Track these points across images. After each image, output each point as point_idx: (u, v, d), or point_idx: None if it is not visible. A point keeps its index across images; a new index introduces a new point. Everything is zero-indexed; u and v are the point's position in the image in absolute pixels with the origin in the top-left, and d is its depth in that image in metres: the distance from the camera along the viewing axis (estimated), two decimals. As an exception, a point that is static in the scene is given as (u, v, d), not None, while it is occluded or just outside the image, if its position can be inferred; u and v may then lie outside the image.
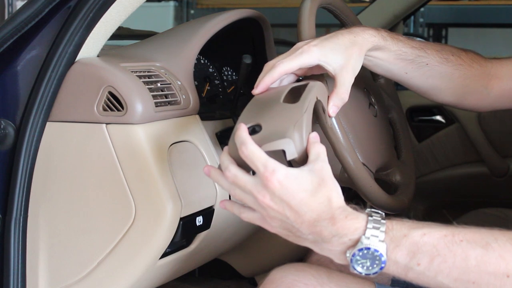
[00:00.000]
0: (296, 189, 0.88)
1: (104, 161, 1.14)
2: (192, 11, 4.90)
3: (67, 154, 1.18)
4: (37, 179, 1.18)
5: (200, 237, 1.27)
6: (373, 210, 0.91)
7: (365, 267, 0.88)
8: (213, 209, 1.25)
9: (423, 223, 0.90)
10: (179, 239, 1.19)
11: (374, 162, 1.27)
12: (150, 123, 1.15)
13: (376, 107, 1.36)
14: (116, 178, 1.14)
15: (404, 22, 2.36)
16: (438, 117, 2.45)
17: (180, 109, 1.22)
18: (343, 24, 1.49)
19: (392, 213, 1.37)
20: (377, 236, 0.87)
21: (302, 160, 0.93)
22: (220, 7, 4.54)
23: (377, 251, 0.87)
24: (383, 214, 0.90)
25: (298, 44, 1.12)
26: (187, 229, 1.19)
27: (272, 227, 0.92)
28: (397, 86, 2.40)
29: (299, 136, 0.92)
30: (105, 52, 1.25)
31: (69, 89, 1.17)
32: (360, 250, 0.87)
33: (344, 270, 1.29)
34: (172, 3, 4.93)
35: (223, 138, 1.34)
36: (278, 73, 1.07)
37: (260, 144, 0.91)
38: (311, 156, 0.91)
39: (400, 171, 1.39)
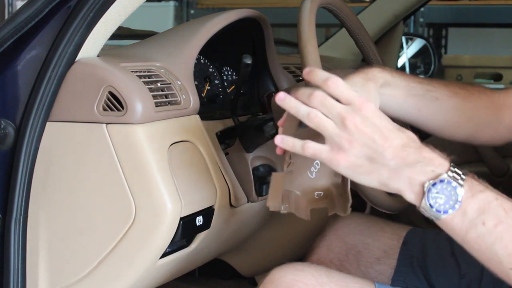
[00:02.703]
0: (386, 121, 0.90)
1: (104, 161, 1.14)
2: (192, 11, 4.90)
3: (67, 154, 1.18)
4: (37, 179, 1.18)
5: (200, 237, 1.27)
6: (454, 166, 0.90)
7: (437, 203, 0.87)
8: (213, 209, 1.25)
9: (504, 199, 0.90)
10: (179, 239, 1.19)
11: (374, 162, 1.27)
12: (150, 123, 1.15)
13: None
14: (116, 178, 1.14)
15: (404, 22, 2.35)
16: (438, 117, 2.44)
17: (180, 109, 1.22)
18: (343, 24, 1.49)
19: (392, 213, 1.38)
20: (458, 179, 0.87)
21: None
22: (220, 7, 4.53)
23: (456, 190, 0.86)
24: (463, 173, 0.90)
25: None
26: (187, 229, 1.19)
27: (348, 155, 0.89)
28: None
29: None
30: (105, 52, 1.25)
31: (69, 89, 1.17)
32: (442, 182, 0.87)
33: (343, 270, 1.30)
34: (172, 3, 4.92)
35: (223, 138, 1.34)
36: None
37: None
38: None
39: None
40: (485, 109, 1.22)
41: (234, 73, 1.53)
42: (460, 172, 0.88)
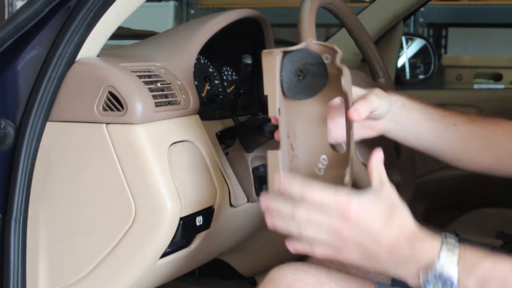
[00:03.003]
0: (372, 219, 0.92)
1: (104, 161, 1.14)
2: (192, 11, 4.90)
3: (67, 154, 1.18)
4: (37, 179, 1.18)
5: (200, 237, 1.27)
6: (449, 235, 0.93)
7: None
8: (213, 209, 1.25)
9: (498, 261, 0.92)
10: (179, 239, 1.19)
11: (374, 162, 1.27)
12: (150, 123, 1.15)
13: (376, 107, 1.36)
14: (116, 178, 1.14)
15: (404, 22, 2.35)
16: (438, 117, 2.44)
17: (180, 109, 1.22)
18: (343, 24, 1.49)
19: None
20: (451, 262, 0.90)
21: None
22: (220, 7, 4.53)
23: (449, 276, 0.89)
24: (457, 237, 0.93)
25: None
26: (187, 229, 1.19)
27: (349, 256, 0.94)
28: (397, 86, 2.40)
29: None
30: (105, 52, 1.25)
31: (69, 89, 1.17)
32: (434, 273, 0.89)
33: (343, 269, 1.29)
34: (172, 3, 4.92)
35: (223, 138, 1.34)
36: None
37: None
38: (375, 182, 0.95)
39: (400, 171, 1.39)
40: (505, 135, 1.20)
41: (234, 73, 1.53)
42: (452, 250, 0.90)
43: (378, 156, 0.97)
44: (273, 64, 1.02)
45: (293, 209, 0.94)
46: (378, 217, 0.92)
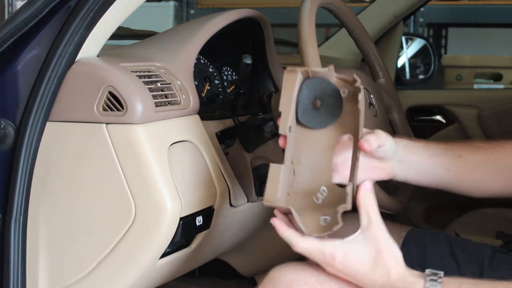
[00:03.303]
0: (357, 265, 0.97)
1: (104, 161, 1.14)
2: (192, 11, 4.89)
3: (67, 154, 1.18)
4: (37, 179, 1.18)
5: (200, 237, 1.27)
6: (432, 271, 0.97)
7: None
8: (213, 209, 1.25)
9: (477, 282, 0.97)
10: (179, 239, 1.19)
11: (374, 162, 1.27)
12: (150, 123, 1.15)
13: (376, 107, 1.36)
14: (116, 178, 1.14)
15: (404, 22, 2.35)
16: (438, 117, 2.45)
17: (180, 109, 1.22)
18: (343, 24, 1.49)
19: (392, 213, 1.37)
20: None
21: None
22: (220, 7, 4.53)
23: None
24: (442, 273, 0.97)
25: None
26: (187, 229, 1.19)
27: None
28: (397, 86, 2.40)
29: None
30: (105, 52, 1.25)
31: (69, 89, 1.17)
32: None
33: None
34: (172, 3, 4.92)
35: (223, 138, 1.34)
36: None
37: None
38: (363, 221, 0.98)
39: (400, 171, 1.39)
40: None
41: (234, 73, 1.53)
42: (436, 278, 0.95)
43: (366, 188, 1.00)
44: (293, 83, 1.03)
45: (290, 242, 1.00)
46: (363, 264, 0.97)
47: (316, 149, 1.06)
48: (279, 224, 1.00)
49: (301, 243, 0.98)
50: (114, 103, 1.13)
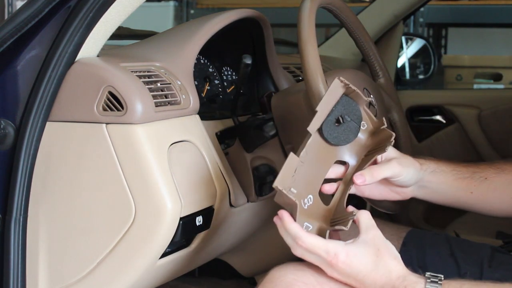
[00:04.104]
0: (359, 265, 0.97)
1: (104, 161, 1.14)
2: (192, 11, 4.89)
3: (67, 154, 1.18)
4: (37, 179, 1.18)
5: (200, 237, 1.27)
6: (432, 274, 0.98)
7: None
8: (213, 209, 1.25)
9: (478, 284, 0.97)
10: (179, 239, 1.19)
11: (374, 162, 1.27)
12: (150, 123, 1.15)
13: (376, 107, 1.36)
14: (116, 178, 1.14)
15: (404, 22, 2.35)
16: (438, 117, 2.45)
17: (180, 109, 1.22)
18: (343, 24, 1.49)
19: (392, 213, 1.37)
20: None
21: None
22: (220, 7, 4.53)
23: None
24: (442, 277, 0.97)
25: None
26: (187, 229, 1.19)
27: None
28: (397, 86, 2.40)
29: None
30: (105, 52, 1.25)
31: (69, 89, 1.17)
32: None
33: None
34: (172, 3, 4.92)
35: (223, 138, 1.34)
36: None
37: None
38: (362, 226, 1.00)
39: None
40: None
41: (234, 73, 1.53)
42: (436, 280, 0.96)
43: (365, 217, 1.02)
44: (338, 92, 1.08)
45: (292, 243, 1.00)
46: (365, 264, 0.97)
47: (319, 158, 1.09)
48: (286, 216, 1.00)
49: (307, 238, 0.98)
50: (114, 103, 1.13)
